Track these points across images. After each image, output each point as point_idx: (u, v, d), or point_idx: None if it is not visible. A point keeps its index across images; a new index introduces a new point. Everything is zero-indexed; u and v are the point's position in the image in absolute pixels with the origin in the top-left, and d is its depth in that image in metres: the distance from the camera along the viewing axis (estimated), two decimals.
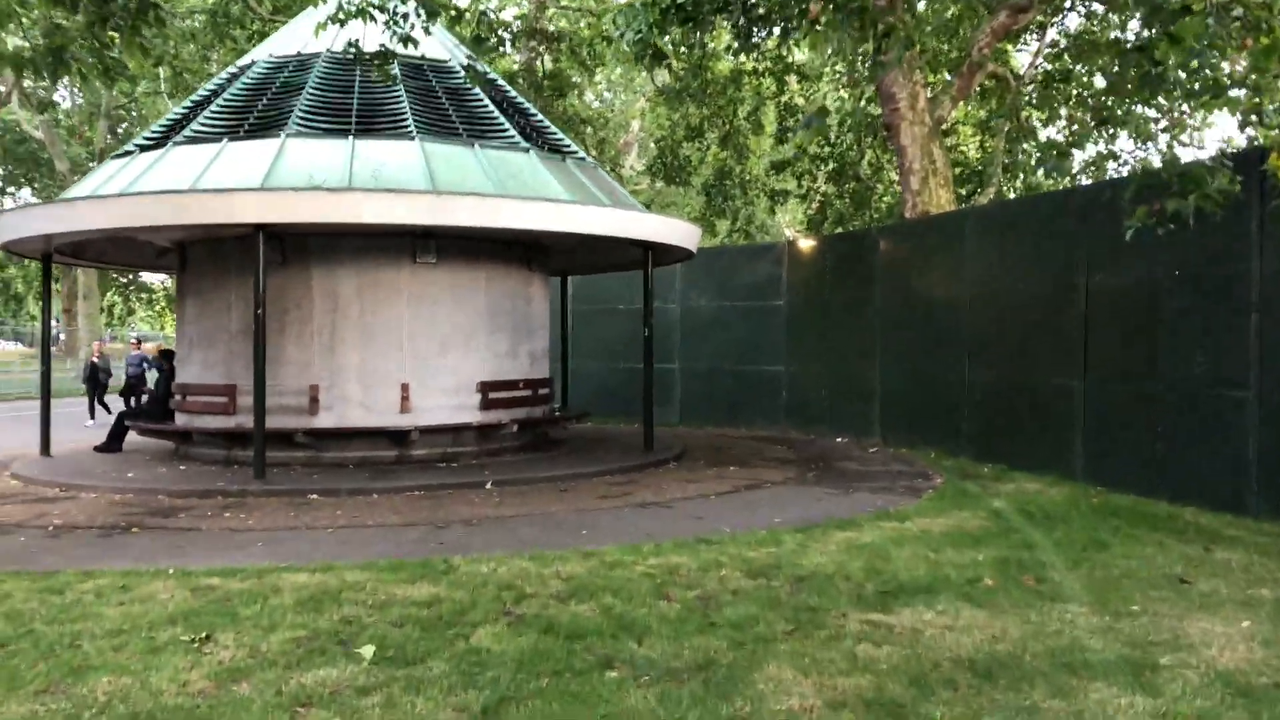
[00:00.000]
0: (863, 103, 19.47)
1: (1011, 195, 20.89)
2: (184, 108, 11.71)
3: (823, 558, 6.69)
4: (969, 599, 5.70)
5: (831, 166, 22.55)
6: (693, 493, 9.49)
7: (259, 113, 11.00)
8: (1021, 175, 19.95)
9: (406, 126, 10.77)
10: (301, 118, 10.71)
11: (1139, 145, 18.08)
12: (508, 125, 11.57)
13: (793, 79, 21.43)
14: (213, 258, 11.55)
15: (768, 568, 6.40)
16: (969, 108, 20.79)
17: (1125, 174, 16.89)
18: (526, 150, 11.34)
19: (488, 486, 9.63)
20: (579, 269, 15.74)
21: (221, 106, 11.24)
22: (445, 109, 11.37)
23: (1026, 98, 17.89)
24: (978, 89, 18.98)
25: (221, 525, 8.01)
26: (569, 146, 12.30)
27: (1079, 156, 17.21)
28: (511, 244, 11.97)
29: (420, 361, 11.19)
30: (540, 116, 12.66)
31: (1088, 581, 6.09)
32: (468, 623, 5.23)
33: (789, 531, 7.59)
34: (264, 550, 7.07)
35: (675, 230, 11.51)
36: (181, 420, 11.99)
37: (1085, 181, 19.77)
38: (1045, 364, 10.78)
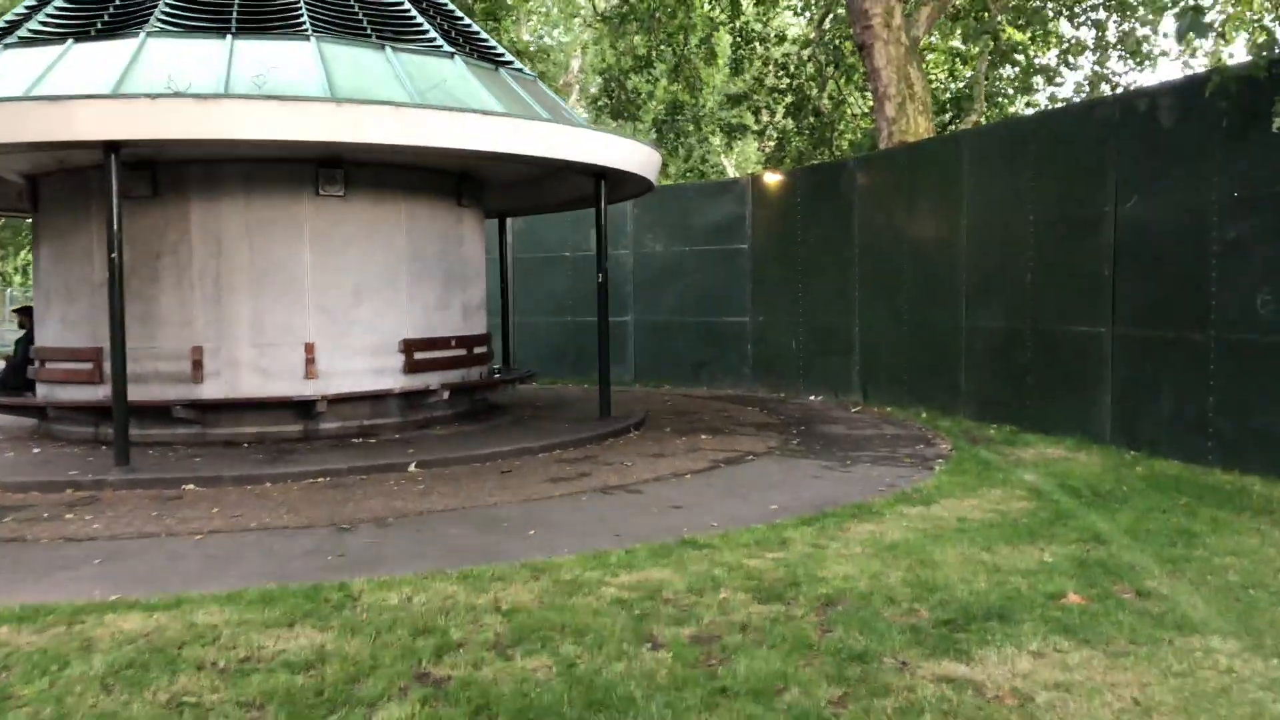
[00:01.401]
0: (827, 23, 17.71)
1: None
2: (24, 8, 9.47)
3: (848, 565, 5.08)
4: (1064, 628, 4.14)
5: (789, 100, 20.79)
6: (664, 471, 7.82)
7: (115, 9, 8.85)
8: (1003, 102, 18.42)
9: (300, 24, 8.73)
10: (167, 13, 8.60)
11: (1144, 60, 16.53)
12: (427, 26, 9.58)
13: (748, 1, 19.55)
14: (70, 192, 9.44)
15: (781, 584, 4.77)
16: (938, 33, 19.14)
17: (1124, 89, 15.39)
18: (451, 56, 9.37)
19: (411, 469, 7.85)
20: (519, 208, 13.84)
21: (67, 1, 9.05)
22: (349, 4, 9.33)
23: (1010, 16, 16.27)
24: (951, 8, 17.33)
25: (57, 532, 6.12)
26: (503, 56, 10.35)
27: (1070, 77, 15.61)
28: (437, 173, 10.05)
29: (329, 316, 9.29)
30: (468, 21, 10.65)
31: (1205, 594, 4.57)
32: (360, 700, 3.51)
33: (794, 524, 5.98)
34: (98, 572, 5.23)
35: (634, 154, 9.70)
36: (42, 391, 9.94)
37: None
38: (1064, 308, 9.28)
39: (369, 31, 9.08)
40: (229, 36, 8.51)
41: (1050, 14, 16.27)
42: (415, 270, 9.85)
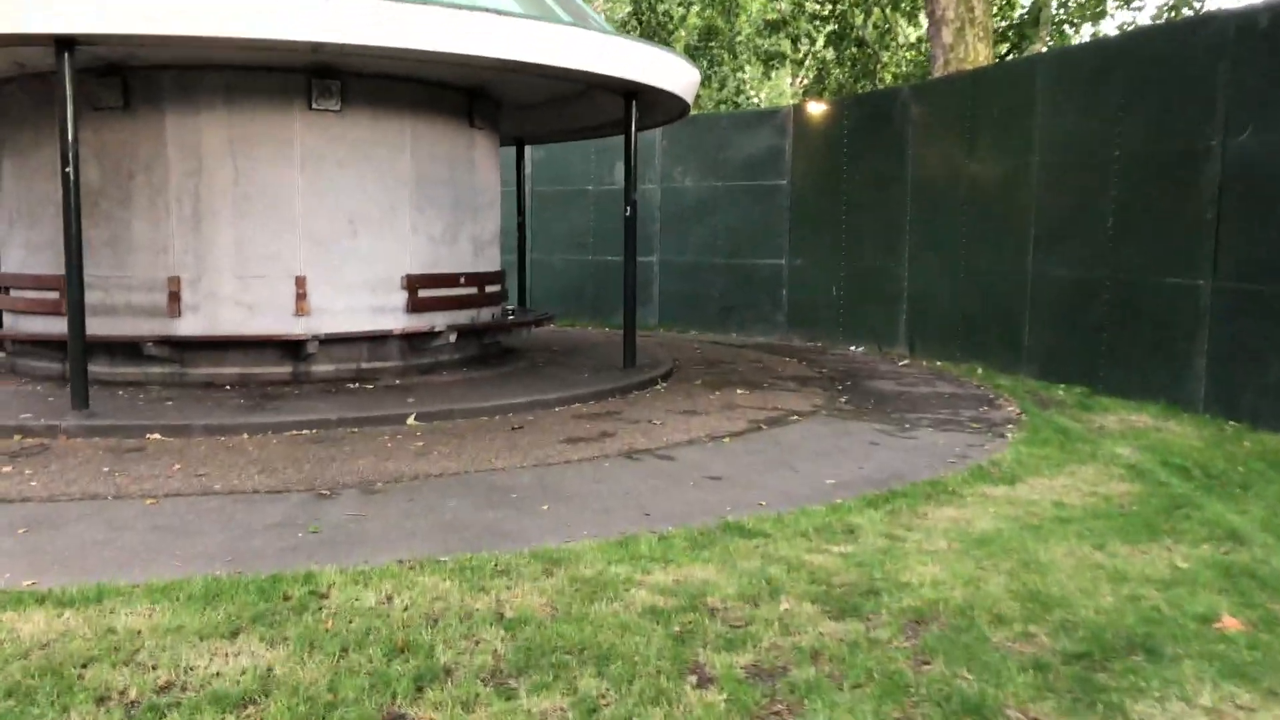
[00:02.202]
0: None
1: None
2: None
3: (935, 566, 4.10)
4: (1235, 670, 3.16)
5: (831, 28, 19.37)
6: (698, 432, 6.83)
7: None
8: (1070, 33, 16.96)
9: None
10: None
11: None
12: None
13: None
14: (33, 102, 8.40)
15: (855, 592, 3.80)
16: None
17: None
18: None
19: (410, 421, 6.90)
20: (539, 134, 12.71)
21: None
22: None
23: None
24: None
25: None
26: None
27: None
28: (447, 89, 8.94)
29: (321, 246, 8.28)
30: None
31: None
32: None
33: (859, 506, 4.99)
34: (17, 546, 4.31)
35: (671, 70, 8.53)
36: (7, 323, 9.02)
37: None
38: (1152, 258, 8.15)
39: None
40: None
41: None
42: (420, 197, 8.80)
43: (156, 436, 6.40)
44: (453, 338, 8.66)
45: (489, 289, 9.72)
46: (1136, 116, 8.29)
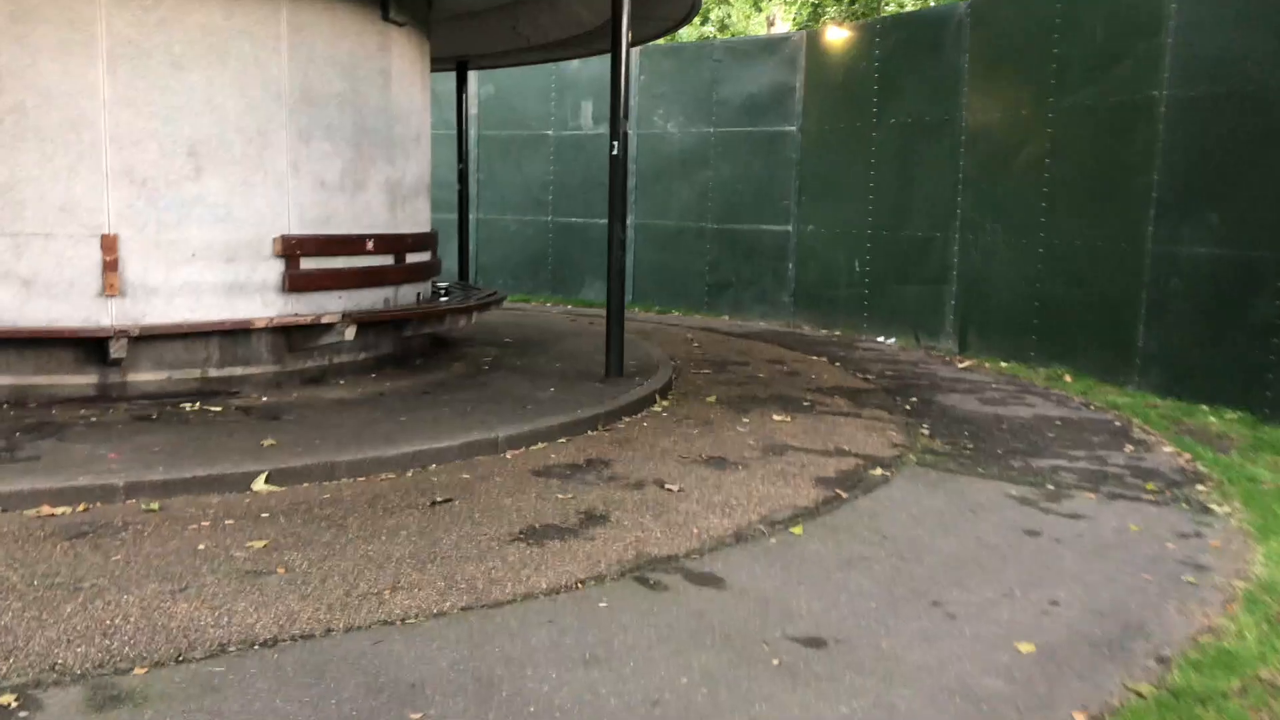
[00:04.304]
0: None
1: None
2: None
3: None
4: None
5: None
6: (744, 509, 4.10)
7: None
8: None
9: None
10: None
11: None
12: None
13: None
14: None
15: None
16: None
17: None
18: None
19: (259, 486, 4.10)
20: (486, 54, 9.82)
21: None
22: None
23: None
24: None
25: None
26: None
27: None
28: None
29: (145, 191, 5.38)
30: None
31: None
32: None
33: None
34: None
35: None
36: None
37: None
38: None
39: None
40: None
41: None
42: (306, 122, 5.93)
43: None
44: (349, 332, 5.83)
45: (412, 258, 6.89)
46: None
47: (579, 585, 3.26)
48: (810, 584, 3.35)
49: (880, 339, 9.63)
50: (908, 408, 6.41)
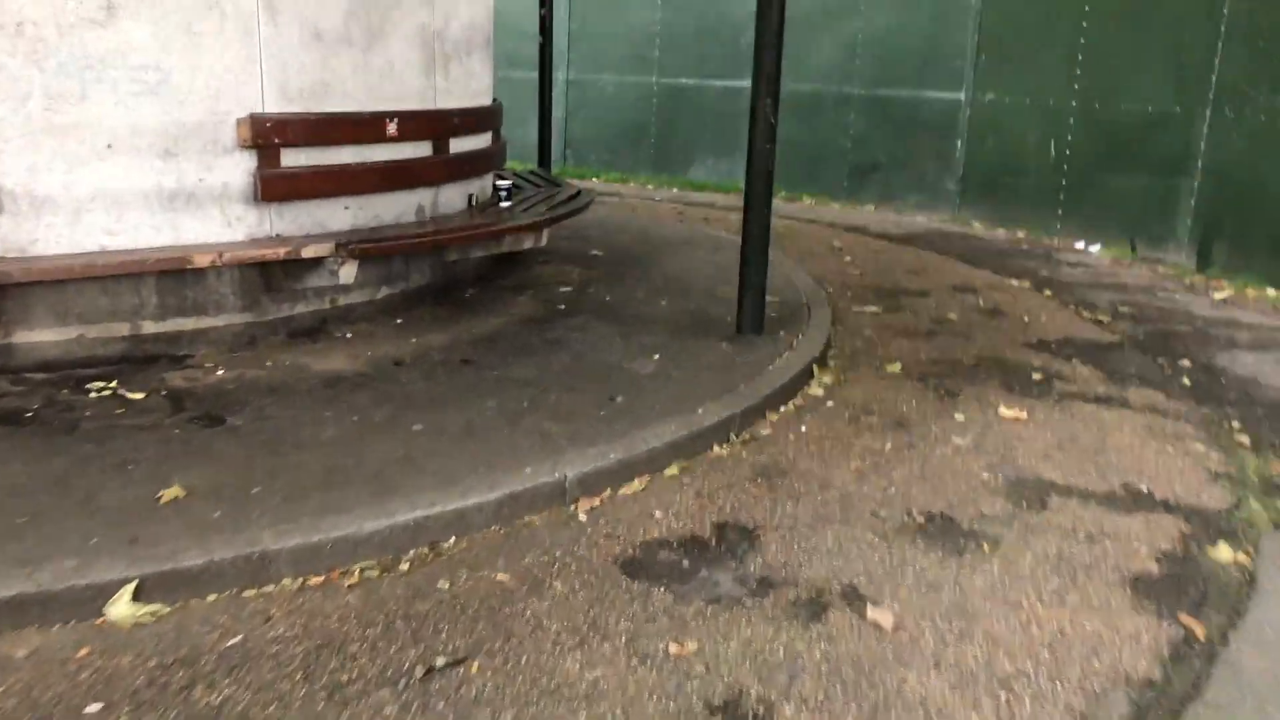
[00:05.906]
0: None
1: None
2: None
3: None
4: None
5: None
6: (1019, 667, 2.06)
7: None
8: None
9: None
10: None
11: None
12: None
13: None
14: None
15: None
16: None
17: None
18: None
19: (113, 616, 2.25)
20: None
21: None
22: None
23: None
24: None
25: None
26: None
27: None
28: None
29: (22, 39, 3.43)
30: None
31: None
32: None
33: None
34: None
35: None
36: None
37: None
38: None
39: None
40: None
41: None
42: None
43: None
44: (344, 273, 3.85)
45: (461, 145, 4.82)
46: None
47: None
48: None
49: (1080, 243, 7.26)
50: (1187, 381, 4.18)
